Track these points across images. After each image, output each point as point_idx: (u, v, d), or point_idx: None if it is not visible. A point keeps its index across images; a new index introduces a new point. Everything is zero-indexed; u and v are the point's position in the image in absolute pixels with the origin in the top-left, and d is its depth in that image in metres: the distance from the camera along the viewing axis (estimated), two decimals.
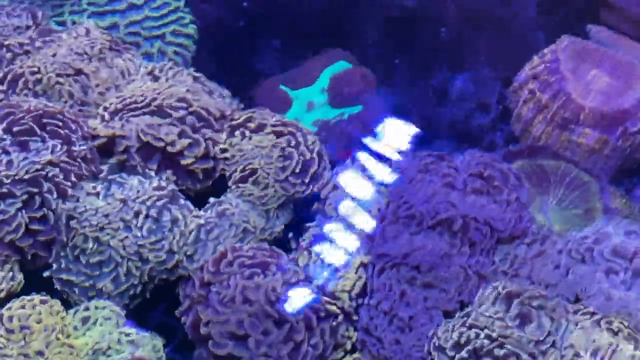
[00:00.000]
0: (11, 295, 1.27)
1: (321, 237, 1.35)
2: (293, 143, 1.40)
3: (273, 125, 1.41)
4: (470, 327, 1.22)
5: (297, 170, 1.38)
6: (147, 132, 1.34)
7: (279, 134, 1.40)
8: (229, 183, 1.39)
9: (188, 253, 1.31)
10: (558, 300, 1.25)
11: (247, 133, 1.40)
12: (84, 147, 1.33)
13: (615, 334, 1.22)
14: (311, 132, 1.44)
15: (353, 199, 1.37)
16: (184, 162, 1.35)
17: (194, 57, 1.66)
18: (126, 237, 1.28)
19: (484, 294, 1.26)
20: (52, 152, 1.29)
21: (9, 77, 1.41)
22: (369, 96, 1.61)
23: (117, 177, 1.33)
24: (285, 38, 1.73)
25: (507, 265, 1.32)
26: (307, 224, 1.38)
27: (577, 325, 1.24)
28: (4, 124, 1.31)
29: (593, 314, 1.25)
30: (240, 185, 1.37)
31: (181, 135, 1.35)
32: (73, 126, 1.33)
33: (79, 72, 1.42)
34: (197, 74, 1.48)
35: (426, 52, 1.72)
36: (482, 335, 1.21)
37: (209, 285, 1.27)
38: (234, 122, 1.42)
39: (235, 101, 1.48)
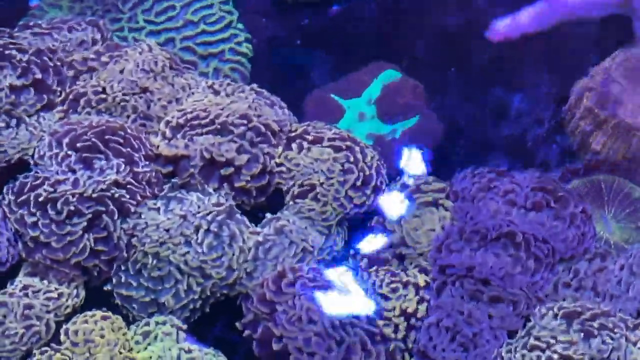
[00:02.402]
0: (75, 312, 1.28)
1: (379, 259, 1.36)
2: (352, 159, 1.39)
3: (331, 139, 1.41)
4: (531, 349, 1.22)
5: (358, 184, 1.38)
6: (210, 150, 1.35)
7: (337, 149, 1.40)
8: (287, 199, 1.38)
9: (248, 270, 1.31)
10: (620, 317, 1.25)
11: (305, 145, 1.40)
12: (148, 170, 1.33)
13: None
14: (369, 147, 1.44)
15: (414, 216, 1.38)
16: (238, 184, 1.36)
17: (250, 74, 1.68)
18: (187, 252, 1.28)
19: (543, 312, 1.26)
20: (117, 172, 1.30)
21: (71, 96, 1.41)
22: (422, 111, 1.61)
23: (177, 194, 1.35)
24: (340, 54, 1.74)
25: (570, 277, 1.32)
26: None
27: (637, 342, 1.24)
28: (67, 139, 1.32)
29: None
30: (298, 201, 1.37)
31: (240, 150, 1.36)
32: (135, 144, 1.34)
33: (145, 90, 1.42)
34: (259, 89, 1.48)
35: (476, 69, 1.72)
36: (543, 358, 1.21)
37: (272, 303, 1.27)
38: (291, 134, 1.42)
39: (291, 114, 1.48)
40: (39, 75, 1.40)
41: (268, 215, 1.37)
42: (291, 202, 1.38)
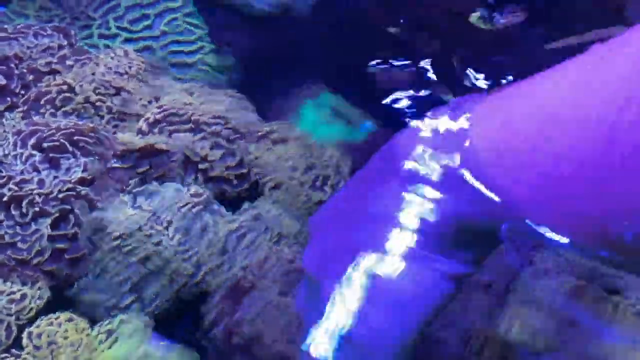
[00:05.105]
0: (38, 313, 1.23)
1: None
2: (314, 156, 1.41)
3: (295, 138, 1.43)
4: None
5: (318, 183, 1.39)
6: (189, 147, 1.35)
7: (301, 147, 1.42)
8: (264, 190, 1.39)
9: (216, 264, 1.27)
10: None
11: (272, 145, 1.41)
12: (119, 166, 1.31)
13: None
14: (329, 146, 1.46)
15: None
16: (213, 173, 1.35)
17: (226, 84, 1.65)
18: (160, 241, 1.25)
19: None
20: (84, 170, 1.28)
21: (32, 96, 1.39)
22: None
23: (149, 187, 1.32)
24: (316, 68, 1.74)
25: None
26: None
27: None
28: (33, 140, 1.30)
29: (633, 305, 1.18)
30: (272, 192, 1.38)
31: (215, 147, 1.36)
32: (107, 143, 1.32)
33: (119, 89, 1.41)
34: (234, 93, 1.49)
35: None
36: None
37: (243, 295, 1.23)
38: (259, 134, 1.43)
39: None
40: (3, 82, 1.39)
41: (246, 204, 1.36)
42: (266, 193, 1.38)
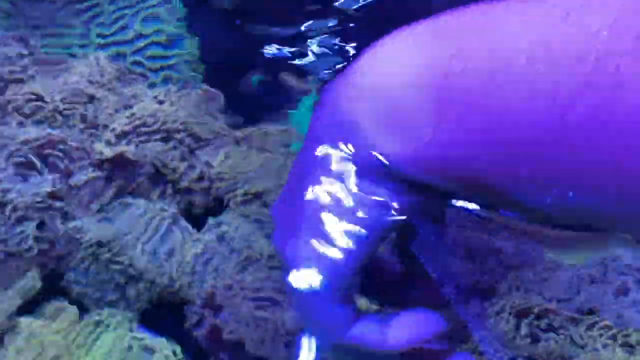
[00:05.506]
0: (29, 303, 1.22)
1: None
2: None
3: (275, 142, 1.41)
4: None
5: None
6: (159, 158, 1.33)
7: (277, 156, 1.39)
8: (231, 204, 1.34)
9: (188, 281, 1.26)
10: (567, 317, 1.22)
11: (249, 150, 1.39)
12: (90, 179, 1.30)
13: (633, 347, 1.17)
14: None
15: None
16: (182, 184, 1.34)
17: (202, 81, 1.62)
18: (133, 255, 1.24)
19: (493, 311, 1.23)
20: (53, 186, 1.26)
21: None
22: None
23: (123, 200, 1.31)
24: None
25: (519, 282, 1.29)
26: None
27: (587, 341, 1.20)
28: (4, 154, 1.27)
29: (609, 327, 1.20)
30: (242, 207, 1.34)
31: (181, 158, 1.35)
32: (75, 155, 1.31)
33: (91, 97, 1.39)
34: (203, 96, 1.47)
35: None
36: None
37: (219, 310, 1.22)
38: (237, 136, 1.41)
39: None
40: None
41: (211, 220, 1.33)
42: (234, 207, 1.34)
